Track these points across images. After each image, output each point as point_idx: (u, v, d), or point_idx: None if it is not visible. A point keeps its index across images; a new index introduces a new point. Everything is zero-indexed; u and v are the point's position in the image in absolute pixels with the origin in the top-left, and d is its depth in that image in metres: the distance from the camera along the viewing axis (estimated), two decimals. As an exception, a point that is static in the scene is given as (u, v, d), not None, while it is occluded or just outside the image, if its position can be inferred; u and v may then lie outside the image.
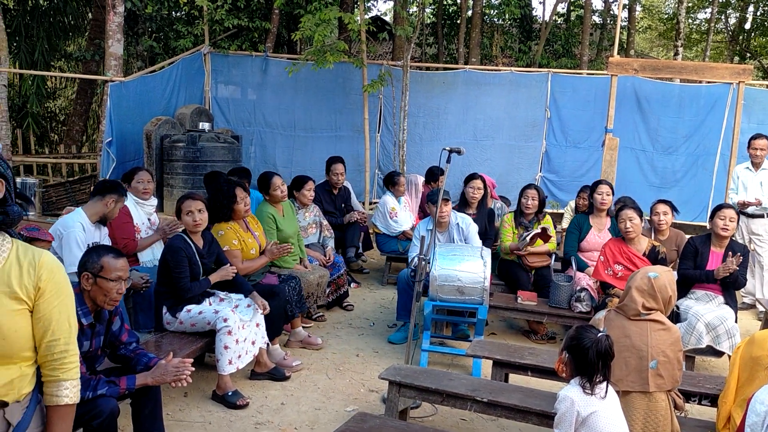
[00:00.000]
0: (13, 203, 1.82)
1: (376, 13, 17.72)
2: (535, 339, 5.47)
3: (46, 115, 16.30)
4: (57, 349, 1.83)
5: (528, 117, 10.33)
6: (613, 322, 3.13)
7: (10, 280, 1.75)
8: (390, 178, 7.23)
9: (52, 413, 1.86)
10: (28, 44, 13.19)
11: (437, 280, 4.59)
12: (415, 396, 3.46)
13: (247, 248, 4.76)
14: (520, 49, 14.63)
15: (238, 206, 4.75)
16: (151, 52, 12.03)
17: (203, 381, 4.30)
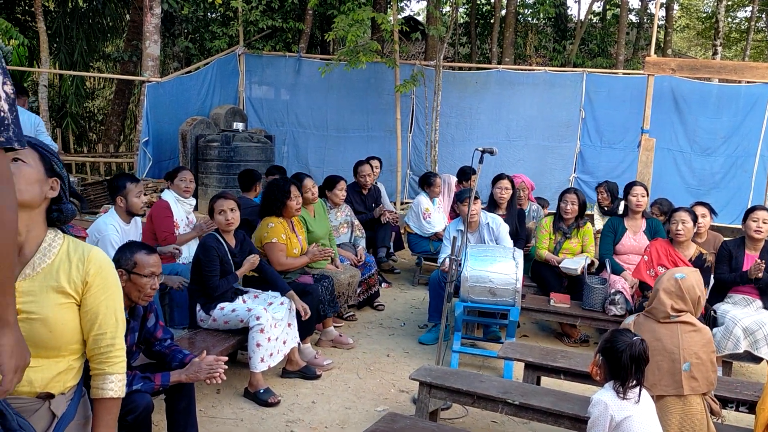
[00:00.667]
0: (67, 201, 1.89)
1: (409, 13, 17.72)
2: (568, 342, 5.40)
3: (85, 115, 16.64)
4: (103, 343, 1.88)
5: (562, 117, 10.22)
6: (642, 326, 3.08)
7: (59, 275, 1.80)
8: (426, 179, 7.22)
9: (98, 406, 1.91)
10: (67, 45, 13.48)
11: (468, 281, 4.57)
12: (445, 397, 3.45)
13: (290, 246, 4.84)
14: (554, 48, 14.48)
15: (290, 202, 4.84)
16: (187, 52, 12.22)
17: (236, 378, 4.35)
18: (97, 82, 17.95)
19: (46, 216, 1.85)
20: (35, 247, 1.81)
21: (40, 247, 1.82)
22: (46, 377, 1.79)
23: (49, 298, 1.77)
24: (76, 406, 1.88)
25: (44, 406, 1.80)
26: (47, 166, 1.83)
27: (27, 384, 1.76)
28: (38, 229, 1.82)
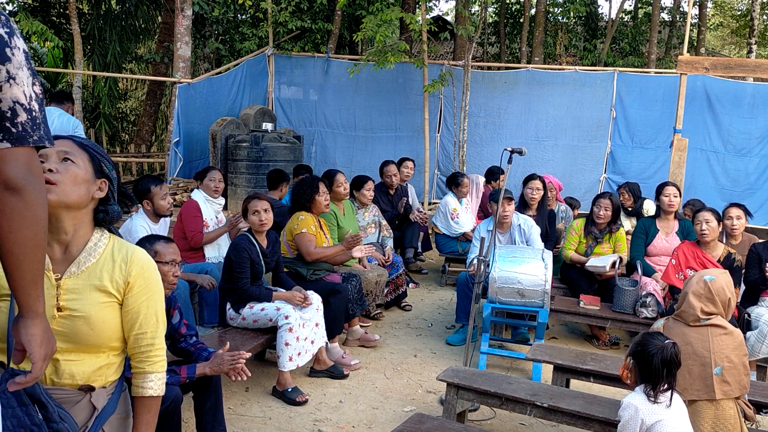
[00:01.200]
0: (114, 203, 1.93)
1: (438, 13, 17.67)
2: (598, 344, 5.34)
3: (118, 116, 16.93)
4: (144, 342, 1.90)
5: (593, 117, 10.10)
6: (672, 329, 3.03)
7: (102, 274, 1.84)
8: (453, 179, 7.19)
9: (139, 404, 1.94)
10: (101, 47, 13.72)
11: (497, 282, 4.55)
12: (473, 399, 3.43)
13: (320, 239, 4.91)
14: (584, 47, 14.34)
15: (319, 198, 4.93)
16: (217, 54, 12.35)
17: (264, 377, 4.38)
18: (129, 84, 18.25)
19: (93, 216, 1.89)
20: (82, 246, 1.85)
21: (86, 246, 1.85)
22: (86, 371, 1.83)
23: (92, 296, 1.81)
24: (116, 400, 1.92)
25: (85, 398, 1.84)
26: (96, 167, 1.86)
27: (69, 376, 1.80)
28: (85, 228, 1.86)
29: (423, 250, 7.66)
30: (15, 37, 1.34)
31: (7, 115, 1.29)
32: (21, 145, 1.30)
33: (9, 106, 1.29)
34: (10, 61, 1.30)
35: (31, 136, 1.33)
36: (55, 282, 1.79)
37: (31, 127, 1.33)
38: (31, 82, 1.36)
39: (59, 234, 1.82)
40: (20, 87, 1.31)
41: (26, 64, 1.35)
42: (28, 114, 1.32)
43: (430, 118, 9.89)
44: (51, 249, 1.82)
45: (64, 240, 1.82)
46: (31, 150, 1.33)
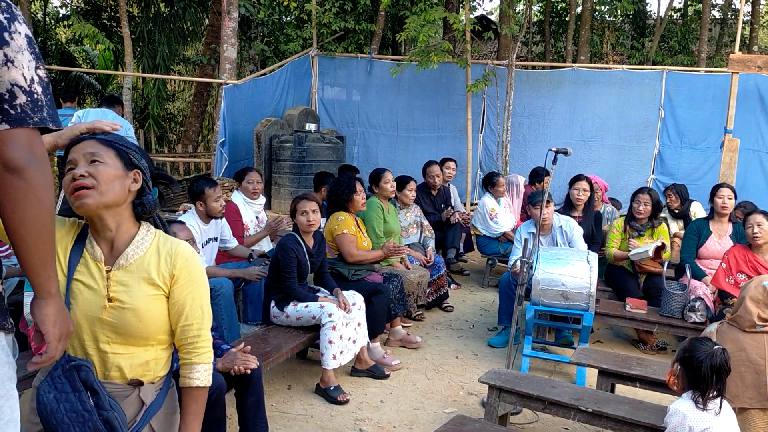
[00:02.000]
0: (149, 192, 1.96)
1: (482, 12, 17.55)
2: (644, 349, 5.23)
3: (166, 117, 17.30)
4: (190, 334, 1.94)
5: (640, 117, 9.91)
6: (726, 334, 2.95)
7: (149, 267, 1.88)
8: (488, 179, 7.14)
9: (186, 394, 1.99)
10: (150, 49, 14.04)
11: (540, 284, 4.49)
12: (515, 402, 3.40)
13: (360, 240, 4.92)
14: (632, 45, 14.07)
15: (356, 197, 4.96)
16: (262, 55, 12.52)
17: (306, 375, 4.42)
18: (177, 85, 18.62)
19: (133, 210, 1.93)
20: (128, 240, 1.90)
21: (134, 240, 1.90)
22: (134, 364, 1.87)
23: (141, 289, 1.86)
24: (164, 396, 1.95)
25: (134, 393, 1.88)
26: (125, 161, 1.88)
27: (117, 370, 1.85)
28: (128, 223, 1.91)
29: (465, 251, 7.61)
30: (16, 22, 1.37)
31: (5, 97, 1.31)
32: (20, 127, 1.32)
33: (7, 88, 1.32)
34: (8, 45, 1.33)
35: (32, 118, 1.35)
36: (105, 273, 1.85)
37: (32, 109, 1.35)
38: (35, 66, 1.38)
39: (104, 232, 1.87)
40: (19, 70, 1.34)
41: (28, 48, 1.37)
42: (29, 96, 1.35)
43: (473, 118, 9.84)
44: (100, 246, 1.88)
45: (110, 237, 1.88)
46: (32, 131, 1.36)
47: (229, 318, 4.31)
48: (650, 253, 5.12)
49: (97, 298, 1.82)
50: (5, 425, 1.43)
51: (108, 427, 1.74)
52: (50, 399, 1.71)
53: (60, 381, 1.74)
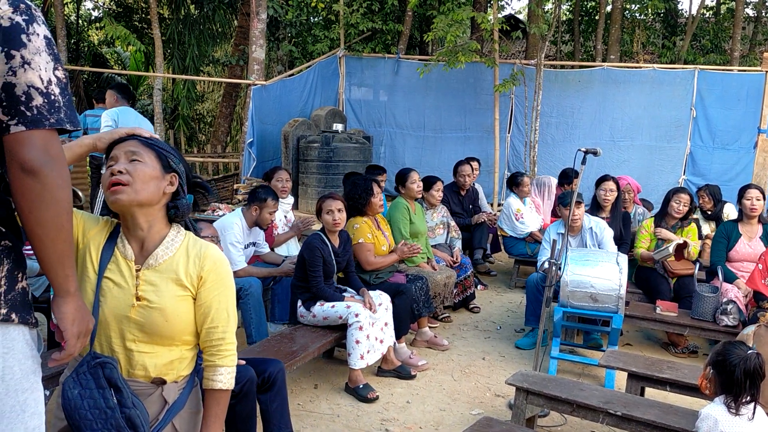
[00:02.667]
0: (183, 197, 1.99)
1: (510, 11, 17.44)
2: (675, 352, 5.15)
3: (195, 117, 17.49)
4: (215, 336, 1.96)
5: (671, 116, 9.77)
6: (763, 338, 2.89)
7: (178, 268, 1.91)
8: (513, 179, 7.09)
9: (209, 396, 2.00)
10: (180, 51, 14.22)
11: (569, 285, 4.44)
12: (543, 404, 3.37)
13: (378, 244, 4.88)
14: (663, 44, 13.87)
15: (374, 199, 4.87)
16: (290, 56, 12.59)
17: (333, 374, 4.43)
18: (206, 86, 18.81)
19: (166, 212, 1.96)
20: (158, 240, 1.93)
21: (164, 241, 1.93)
22: (159, 363, 1.89)
23: (169, 289, 1.89)
24: (187, 395, 1.97)
25: (157, 392, 1.90)
26: (164, 163, 1.91)
27: (141, 368, 1.87)
28: (159, 224, 1.93)
29: (492, 251, 7.57)
30: (35, 23, 1.38)
31: (21, 99, 1.33)
32: (36, 128, 1.33)
33: (23, 90, 1.33)
34: (25, 46, 1.34)
35: (48, 119, 1.35)
36: (135, 272, 1.87)
37: (48, 110, 1.36)
38: (53, 67, 1.39)
39: (136, 230, 1.90)
40: (36, 72, 1.35)
41: (46, 49, 1.39)
42: (45, 98, 1.36)
43: (501, 118, 9.79)
44: (131, 244, 1.91)
45: (141, 236, 1.90)
46: (48, 132, 1.36)
47: (257, 317, 4.35)
48: (671, 250, 5.07)
49: (126, 297, 1.85)
50: (30, 417, 1.45)
51: (130, 424, 1.76)
52: (75, 395, 1.74)
53: (85, 377, 1.77)
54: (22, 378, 1.42)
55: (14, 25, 1.35)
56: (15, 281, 1.44)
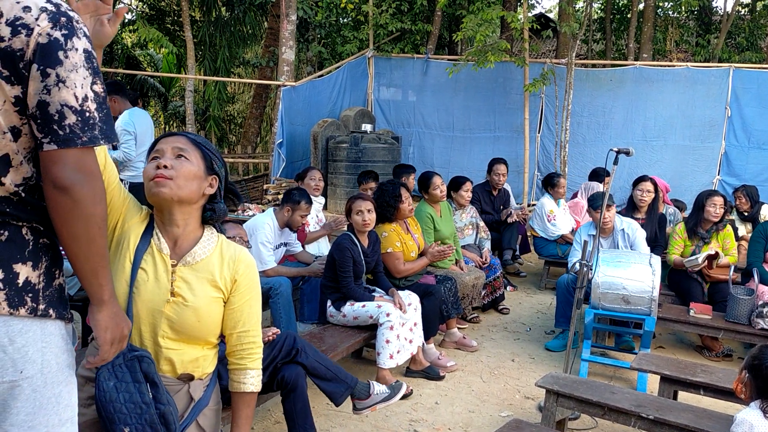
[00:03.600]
0: (220, 200, 2.01)
1: (540, 10, 17.29)
2: (709, 356, 5.06)
3: (226, 118, 17.68)
4: (247, 340, 1.99)
5: (705, 116, 9.59)
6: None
7: (214, 269, 1.93)
8: (549, 180, 7.01)
9: (237, 399, 2.02)
10: (211, 53, 14.38)
11: (600, 287, 4.39)
12: (574, 407, 3.33)
13: (408, 250, 4.84)
14: (697, 42, 13.63)
15: (403, 205, 4.80)
16: (319, 57, 12.65)
17: (361, 374, 4.44)
18: (237, 87, 19.00)
19: (201, 214, 1.97)
20: (192, 240, 1.94)
21: (200, 241, 1.95)
22: (185, 360, 1.91)
23: (204, 289, 1.90)
24: (211, 392, 2.00)
25: (184, 388, 1.92)
26: (208, 164, 1.93)
27: (169, 364, 1.89)
28: (194, 223, 1.95)
29: (522, 252, 7.52)
30: (74, 38, 1.37)
31: (54, 118, 1.33)
32: (68, 147, 1.33)
33: (57, 109, 1.33)
34: (61, 64, 1.34)
35: (80, 138, 1.35)
36: (171, 267, 1.88)
37: (81, 129, 1.35)
38: (90, 82, 1.38)
39: (171, 226, 1.91)
40: (70, 90, 1.34)
41: (84, 63, 1.38)
42: (79, 116, 1.35)
43: (531, 117, 9.71)
44: (165, 239, 1.92)
45: (175, 233, 1.92)
46: (80, 151, 1.36)
47: (286, 316, 4.38)
48: (700, 261, 4.97)
49: (161, 291, 1.86)
50: (63, 408, 1.48)
51: (163, 421, 1.77)
52: (110, 387, 1.74)
53: (121, 370, 1.76)
54: (58, 371, 1.45)
55: (52, 41, 1.34)
56: (52, 278, 1.47)
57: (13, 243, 1.40)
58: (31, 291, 1.41)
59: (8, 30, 1.32)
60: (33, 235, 1.44)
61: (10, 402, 1.38)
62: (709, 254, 5.03)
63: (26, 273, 1.41)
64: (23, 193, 1.40)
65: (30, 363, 1.39)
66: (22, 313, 1.38)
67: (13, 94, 1.34)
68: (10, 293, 1.38)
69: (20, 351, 1.37)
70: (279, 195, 8.72)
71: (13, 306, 1.37)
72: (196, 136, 1.98)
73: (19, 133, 1.37)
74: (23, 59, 1.33)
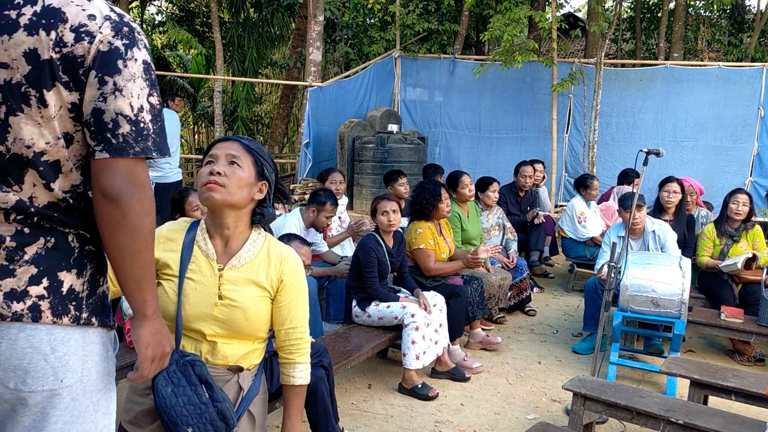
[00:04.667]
0: (270, 205, 2.08)
1: (569, 9, 17.13)
2: (740, 360, 4.97)
3: (253, 119, 17.82)
4: (295, 336, 2.05)
5: (737, 116, 9.42)
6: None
7: (259, 270, 1.99)
8: (582, 181, 6.94)
9: (288, 392, 2.10)
10: (239, 53, 14.51)
11: (629, 289, 4.34)
12: (601, 411, 3.30)
13: (439, 251, 4.83)
14: (729, 42, 13.36)
15: (441, 205, 4.80)
16: (346, 57, 12.68)
17: (387, 374, 4.45)
18: (264, 88, 19.14)
19: (251, 216, 2.03)
20: (241, 242, 2.01)
21: (246, 243, 2.01)
22: (237, 354, 2.00)
23: (250, 290, 1.96)
24: (259, 381, 2.08)
25: (234, 378, 2.00)
26: (258, 170, 1.98)
27: (222, 357, 1.97)
28: (243, 226, 2.01)
29: (551, 254, 7.45)
30: (135, 48, 1.37)
31: (108, 126, 1.32)
32: (120, 156, 1.32)
33: (111, 117, 1.32)
34: (120, 73, 1.33)
35: (133, 148, 1.34)
36: (218, 272, 1.95)
37: (134, 138, 1.34)
38: (147, 93, 1.38)
39: (222, 229, 1.97)
40: (126, 99, 1.33)
41: (143, 74, 1.37)
42: (133, 125, 1.34)
43: (559, 118, 9.63)
44: (214, 242, 1.98)
45: (226, 235, 1.98)
46: (132, 161, 1.35)
47: (312, 316, 4.33)
48: (739, 266, 4.88)
49: (209, 296, 1.92)
50: (101, 416, 1.49)
51: (221, 417, 1.85)
52: (168, 393, 1.81)
53: (176, 375, 1.84)
54: (97, 379, 1.47)
55: (113, 50, 1.34)
56: (96, 286, 1.48)
57: (59, 250, 1.40)
58: (75, 299, 1.41)
59: (72, 36, 1.32)
60: (79, 242, 1.44)
61: (49, 411, 1.38)
62: (747, 257, 4.94)
63: (71, 281, 1.41)
64: (71, 200, 1.40)
65: (70, 372, 1.39)
66: (65, 321, 1.38)
67: (70, 100, 1.34)
68: (54, 301, 1.37)
69: (61, 360, 1.37)
70: (305, 195, 8.76)
71: (56, 314, 1.37)
72: (250, 141, 2.02)
73: (72, 140, 1.37)
74: (83, 65, 1.33)
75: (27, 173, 1.35)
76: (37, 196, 1.36)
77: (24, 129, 1.33)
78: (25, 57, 1.31)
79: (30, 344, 1.34)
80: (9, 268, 1.34)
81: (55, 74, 1.31)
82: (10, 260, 1.35)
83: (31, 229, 1.37)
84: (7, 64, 1.31)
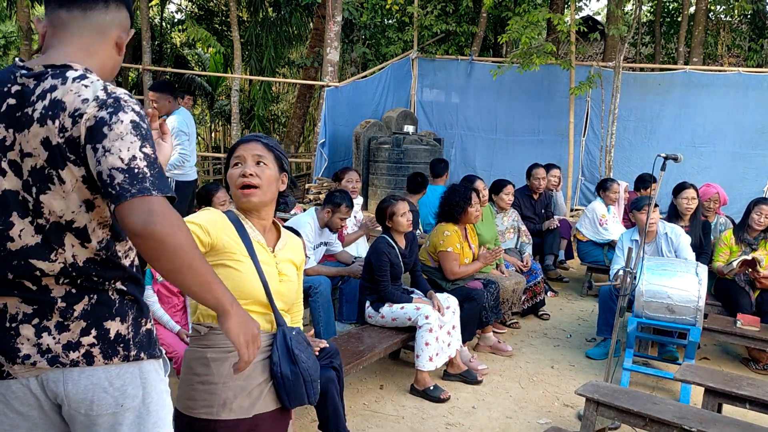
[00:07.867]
0: (289, 194, 2.30)
1: (588, 12, 17.05)
2: (756, 368, 4.92)
3: (270, 117, 17.88)
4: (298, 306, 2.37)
5: (757, 122, 9.33)
6: None
7: (290, 252, 2.26)
8: (603, 184, 6.91)
9: None
10: (257, 53, 14.57)
11: (644, 295, 4.31)
12: (614, 417, 3.28)
13: (463, 255, 4.83)
14: (750, 47, 13.25)
15: (471, 209, 4.82)
16: (363, 58, 12.70)
17: (399, 375, 4.45)
18: (281, 87, 19.21)
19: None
20: (273, 228, 2.26)
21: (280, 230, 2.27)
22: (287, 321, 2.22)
23: (291, 267, 2.24)
24: None
25: None
26: (279, 165, 2.19)
27: (269, 324, 2.15)
28: (271, 214, 2.24)
29: (566, 257, 7.41)
30: (120, 112, 1.49)
31: (107, 182, 1.44)
32: (120, 203, 1.43)
33: (107, 174, 1.44)
34: (106, 137, 1.46)
35: (129, 191, 1.43)
36: (272, 254, 2.18)
37: (130, 183, 1.44)
38: (139, 146, 1.48)
39: (260, 220, 2.20)
40: (115, 155, 1.45)
41: (131, 131, 1.48)
42: (126, 173, 1.44)
43: (576, 121, 9.58)
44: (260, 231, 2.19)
45: (264, 225, 2.21)
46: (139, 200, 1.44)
47: (326, 316, 4.41)
48: (734, 266, 4.85)
49: (275, 275, 2.15)
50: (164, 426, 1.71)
51: None
52: (304, 358, 2.09)
53: (298, 340, 2.12)
54: (158, 399, 1.70)
55: (98, 121, 1.48)
56: (140, 326, 1.68)
57: (102, 304, 1.61)
58: (122, 341, 1.63)
59: (70, 121, 1.50)
60: (118, 294, 1.64)
61: (117, 427, 1.62)
62: (744, 259, 4.90)
63: (116, 327, 1.62)
64: (104, 254, 1.60)
65: (129, 398, 1.63)
66: (116, 361, 1.61)
67: (80, 175, 1.52)
68: (104, 347, 1.60)
69: (119, 390, 1.61)
70: (321, 195, 8.78)
71: (107, 357, 1.60)
72: (267, 139, 2.20)
73: (92, 206, 1.57)
74: (80, 144, 1.50)
75: (66, 236, 1.57)
76: (78, 254, 1.58)
77: (54, 203, 1.54)
78: (42, 145, 1.52)
79: (90, 382, 1.59)
80: (64, 323, 1.58)
81: (64, 156, 1.51)
82: (64, 317, 1.58)
83: (77, 289, 1.59)
84: (31, 153, 1.53)
